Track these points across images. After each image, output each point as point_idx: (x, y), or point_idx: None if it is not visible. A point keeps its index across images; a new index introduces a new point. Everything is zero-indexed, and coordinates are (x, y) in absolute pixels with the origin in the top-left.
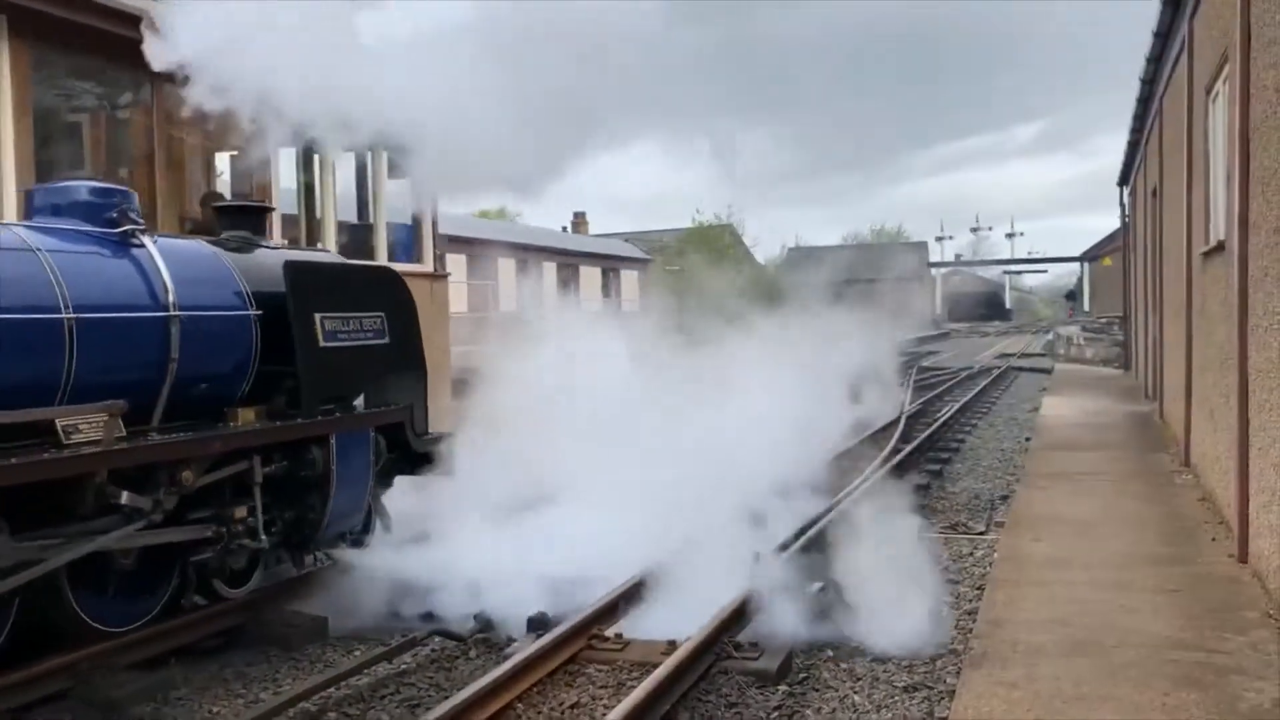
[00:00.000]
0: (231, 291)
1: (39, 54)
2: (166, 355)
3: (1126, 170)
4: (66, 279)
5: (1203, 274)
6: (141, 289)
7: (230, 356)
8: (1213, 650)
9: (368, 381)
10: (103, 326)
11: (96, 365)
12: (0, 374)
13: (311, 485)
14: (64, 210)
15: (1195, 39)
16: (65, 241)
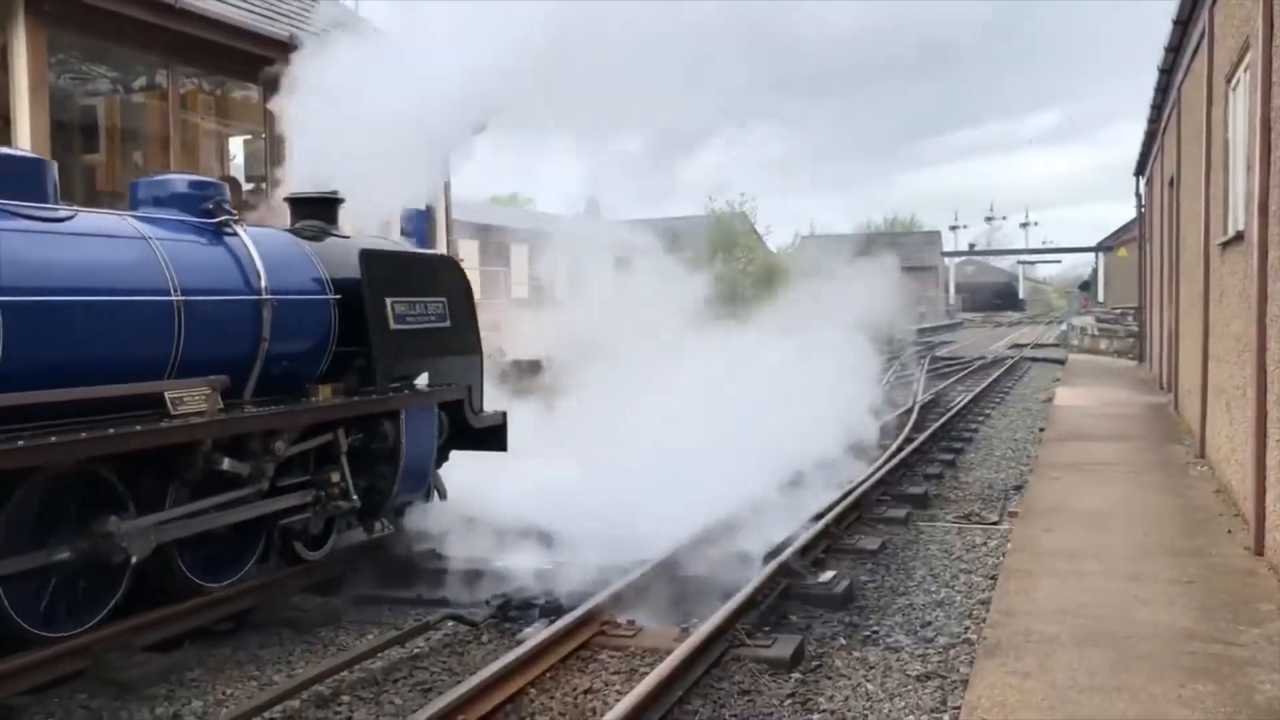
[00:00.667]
0: (311, 277)
1: (55, 35)
2: (259, 335)
3: (1143, 160)
4: (174, 264)
5: (1221, 264)
6: (237, 275)
7: (312, 337)
8: (1228, 642)
9: (431, 362)
10: (205, 308)
11: (200, 343)
12: (119, 350)
13: (383, 456)
14: (165, 201)
15: (1216, 27)
16: (170, 230)
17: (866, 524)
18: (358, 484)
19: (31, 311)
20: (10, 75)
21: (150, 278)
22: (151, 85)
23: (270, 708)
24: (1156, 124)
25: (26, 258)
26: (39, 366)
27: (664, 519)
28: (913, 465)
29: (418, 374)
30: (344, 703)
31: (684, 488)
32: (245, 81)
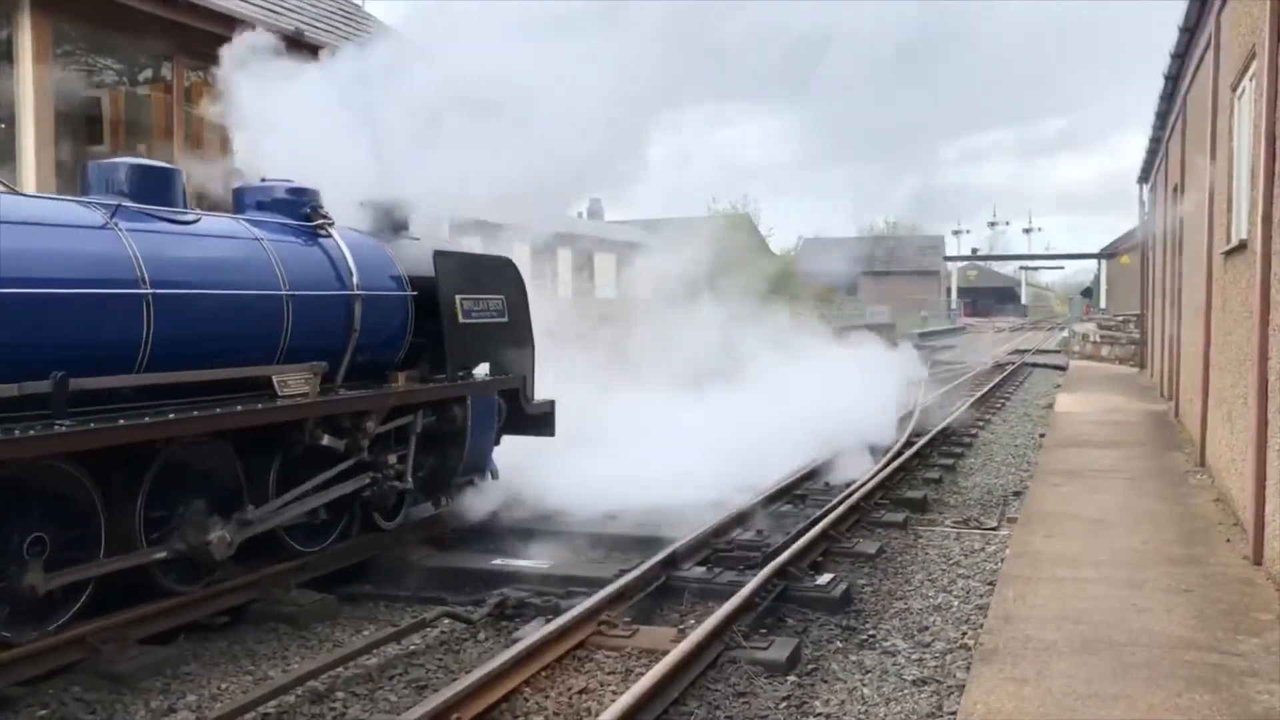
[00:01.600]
0: (390, 275)
1: (60, 27)
2: (350, 326)
3: (1147, 168)
4: (283, 263)
5: (1224, 273)
6: (333, 273)
7: (393, 329)
8: (1226, 652)
9: (491, 353)
10: (308, 302)
11: (303, 333)
12: (238, 337)
13: (451, 438)
14: (268, 206)
15: (1222, 35)
16: (276, 233)
17: (865, 527)
18: (429, 462)
19: (173, 302)
20: (15, 66)
21: (264, 275)
22: (156, 77)
23: (265, 703)
24: (1161, 132)
25: (166, 255)
26: (178, 350)
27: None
28: (912, 469)
29: (479, 364)
30: (338, 699)
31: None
32: None
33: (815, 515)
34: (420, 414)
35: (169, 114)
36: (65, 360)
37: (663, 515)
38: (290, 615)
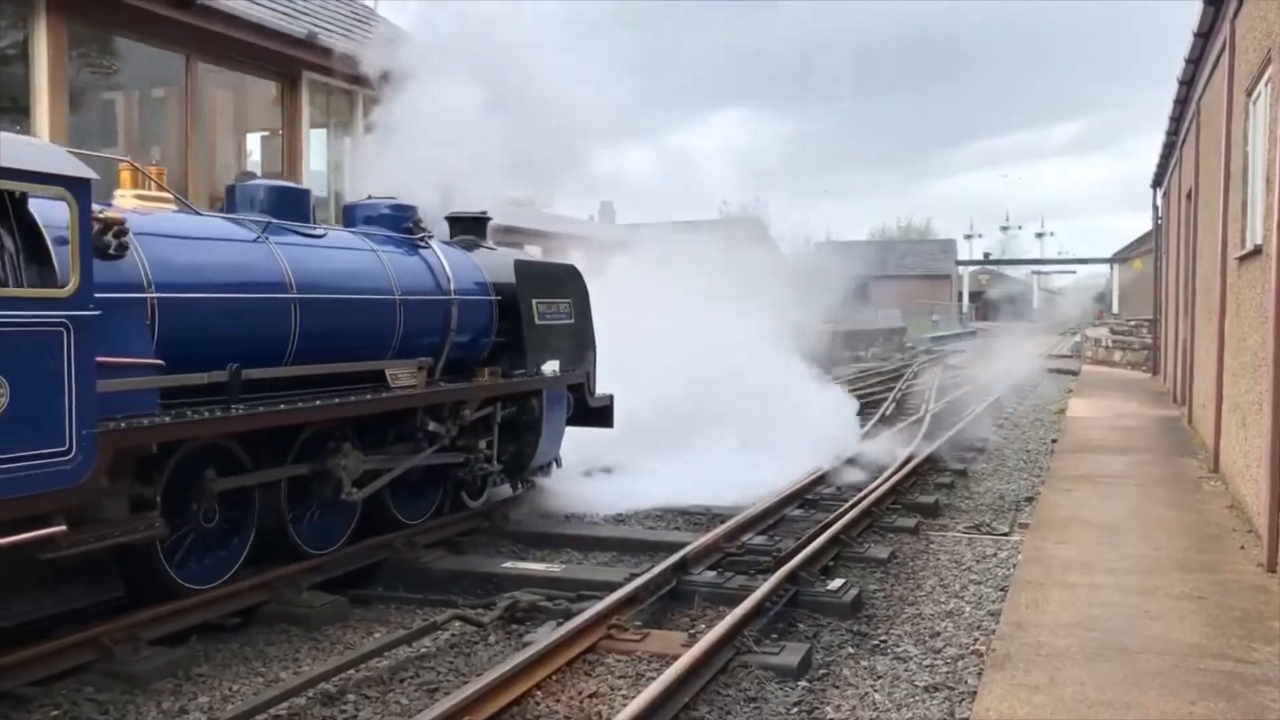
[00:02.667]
0: (476, 281)
1: (76, 30)
2: (448, 326)
3: (1161, 172)
4: (395, 271)
5: (1238, 278)
6: (432, 280)
7: (480, 330)
8: (1240, 660)
9: (560, 352)
10: (416, 305)
11: (411, 332)
12: (361, 335)
13: (528, 428)
14: (374, 220)
15: (1237, 39)
16: (386, 245)
17: (876, 532)
18: (509, 449)
19: (313, 305)
20: (30, 69)
21: (380, 281)
22: (170, 81)
23: (276, 704)
24: (1175, 136)
25: (306, 265)
26: (316, 346)
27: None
28: (924, 474)
29: (549, 361)
30: (350, 701)
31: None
32: (264, 78)
33: (826, 520)
34: (501, 405)
35: (183, 117)
36: (235, 354)
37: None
38: (302, 617)
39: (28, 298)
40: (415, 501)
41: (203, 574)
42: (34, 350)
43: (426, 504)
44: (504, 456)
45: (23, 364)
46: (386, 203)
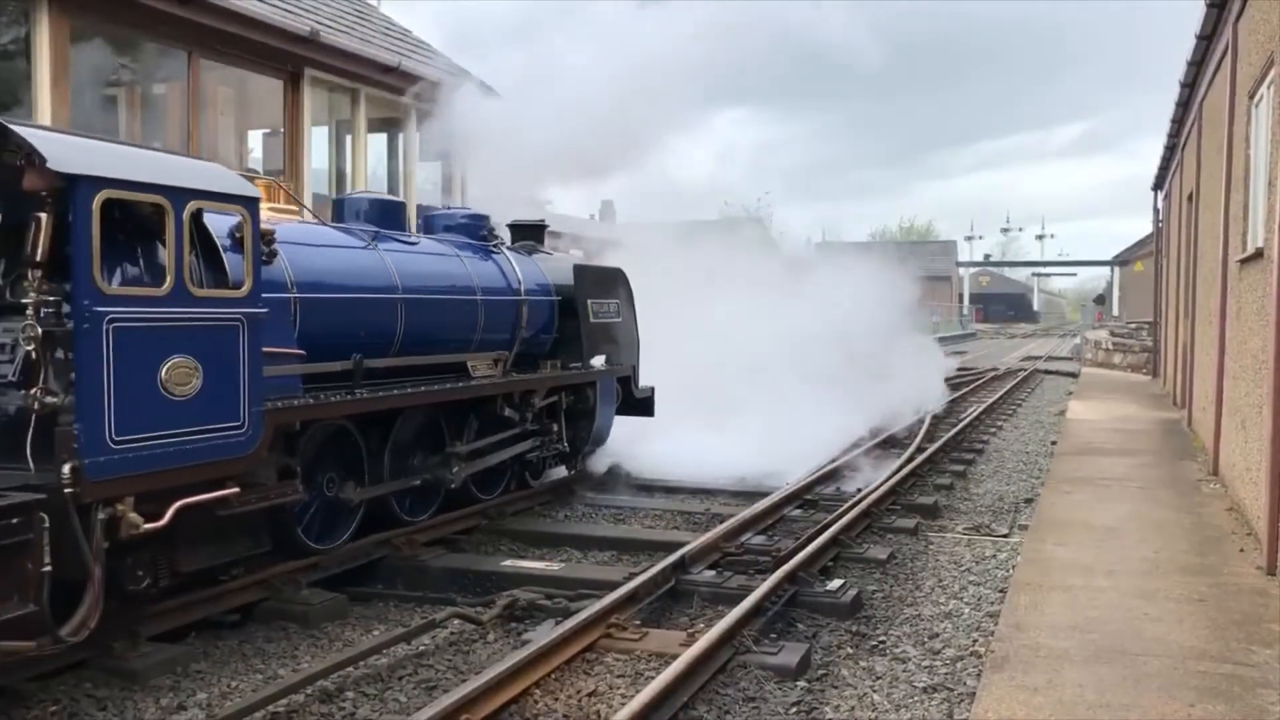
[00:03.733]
0: (538, 283)
1: (78, 25)
2: (518, 324)
3: (1162, 174)
4: (475, 273)
5: (1239, 281)
6: (505, 281)
7: (544, 327)
8: (1239, 663)
9: (609, 347)
10: (493, 304)
11: (489, 329)
12: (449, 331)
13: (584, 415)
14: (453, 228)
15: (1240, 43)
16: (465, 250)
17: (875, 533)
18: (568, 433)
19: (415, 304)
20: (33, 64)
21: (464, 283)
22: (173, 77)
23: (275, 701)
24: (1176, 139)
25: (408, 269)
26: (415, 340)
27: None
28: (923, 475)
29: (600, 355)
30: (348, 698)
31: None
32: (266, 75)
33: (825, 520)
34: (563, 394)
35: (185, 112)
36: (355, 346)
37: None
38: (301, 614)
39: (215, 297)
40: (490, 481)
41: (324, 538)
42: (218, 341)
43: (498, 483)
44: (562, 441)
45: (211, 352)
46: (462, 212)
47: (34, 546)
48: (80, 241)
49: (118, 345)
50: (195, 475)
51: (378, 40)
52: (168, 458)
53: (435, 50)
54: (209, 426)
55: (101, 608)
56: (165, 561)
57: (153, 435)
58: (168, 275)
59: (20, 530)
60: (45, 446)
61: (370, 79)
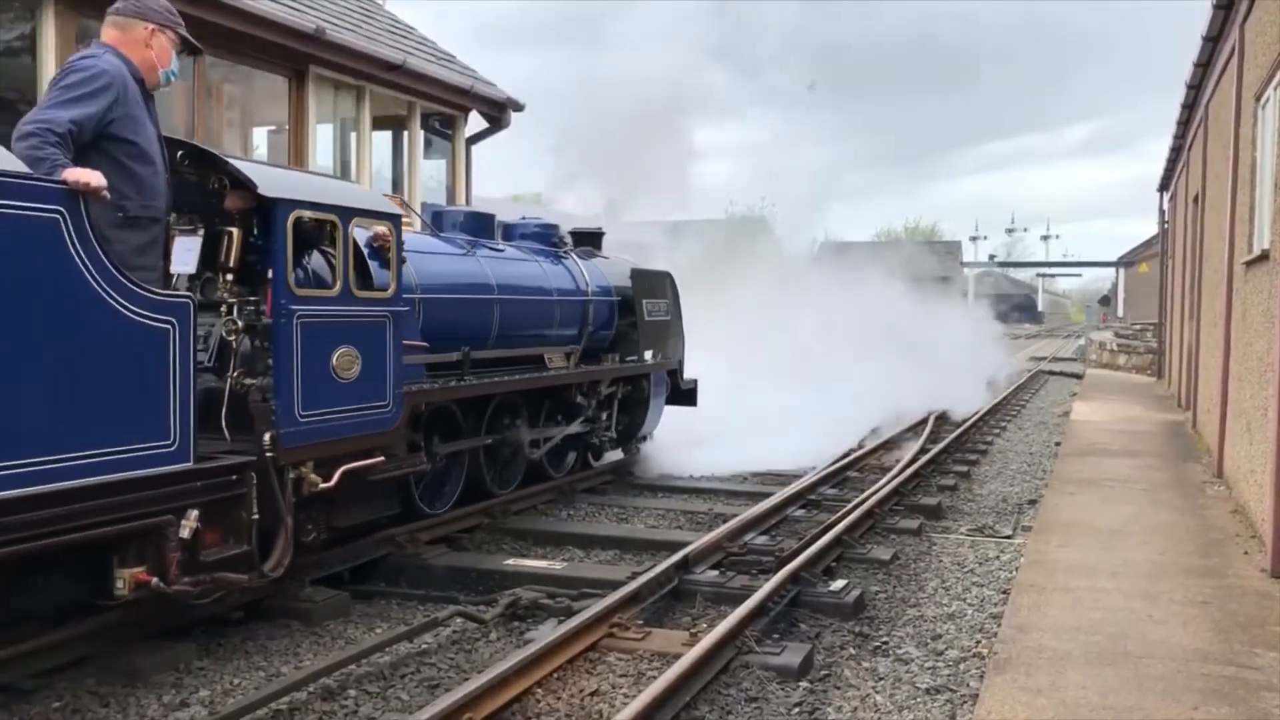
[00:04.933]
0: (600, 285)
1: (84, 23)
2: (585, 321)
3: (1168, 176)
4: (551, 277)
5: (1244, 283)
6: (574, 284)
7: (605, 324)
8: (1243, 665)
9: (660, 343)
10: (566, 304)
11: (562, 325)
12: (529, 327)
13: (639, 404)
14: (529, 236)
15: (1247, 44)
16: (540, 256)
17: (879, 533)
18: (624, 421)
19: (506, 304)
20: (38, 62)
21: (542, 285)
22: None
23: (277, 699)
24: (1183, 140)
25: (500, 272)
26: (505, 335)
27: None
28: (927, 475)
29: (652, 350)
30: (350, 696)
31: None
32: (271, 72)
33: (829, 520)
34: (621, 385)
35: (189, 109)
36: (461, 340)
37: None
38: (303, 612)
39: (370, 298)
40: (560, 461)
41: (434, 504)
42: (372, 334)
43: (566, 463)
44: (619, 426)
45: (367, 343)
46: (535, 221)
47: (246, 499)
48: (278, 251)
49: (304, 337)
50: (354, 445)
51: (383, 38)
52: (337, 430)
53: (440, 48)
54: (364, 405)
55: (291, 551)
56: (325, 519)
57: (327, 411)
58: (337, 279)
59: (237, 486)
60: (237, 420)
61: (375, 77)
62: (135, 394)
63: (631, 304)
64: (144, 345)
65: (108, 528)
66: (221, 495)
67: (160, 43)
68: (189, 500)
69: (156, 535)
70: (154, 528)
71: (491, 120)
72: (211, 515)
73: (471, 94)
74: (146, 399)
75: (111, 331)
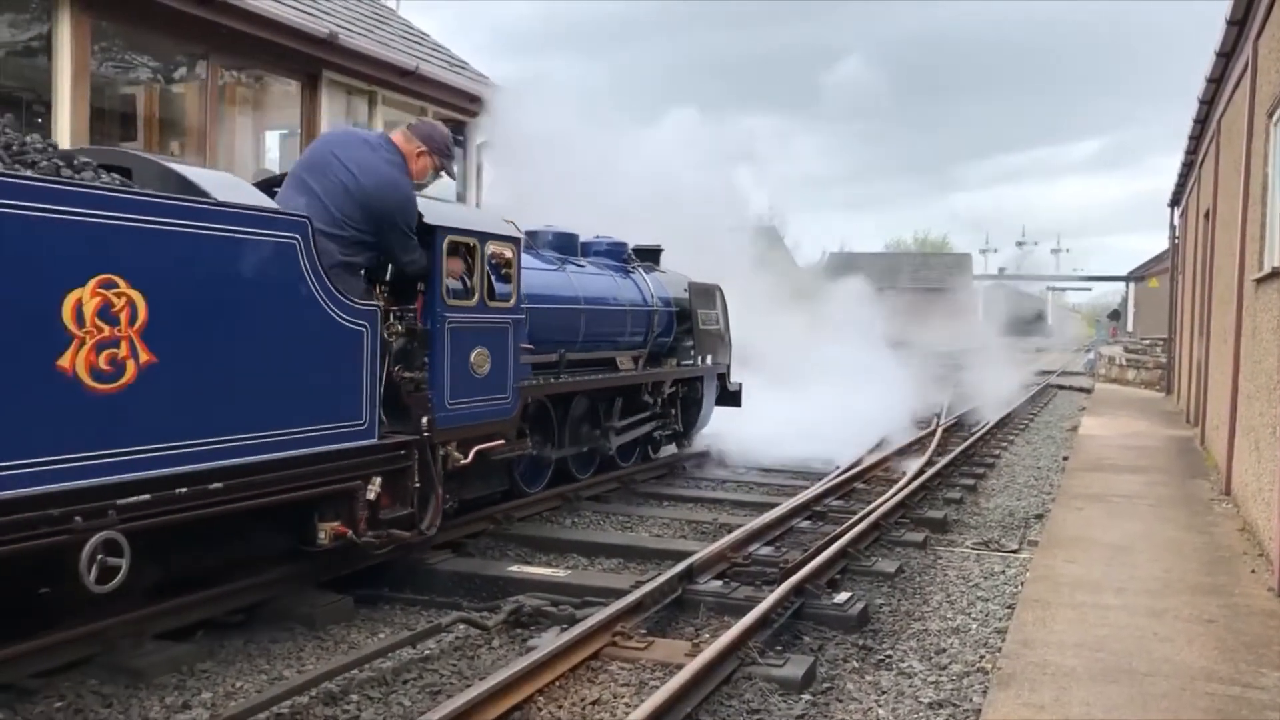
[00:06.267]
0: (661, 297)
1: (99, 24)
2: (650, 329)
3: (1179, 191)
4: (622, 289)
5: (1255, 300)
6: (641, 295)
7: (666, 331)
8: (1249, 685)
9: (713, 348)
10: (633, 313)
11: (632, 332)
12: (604, 334)
13: (694, 402)
14: (602, 254)
15: (1260, 59)
16: (612, 271)
17: (884, 546)
18: (681, 418)
19: (590, 313)
20: (53, 62)
21: (617, 295)
22: (191, 76)
23: (279, 702)
24: (1194, 155)
25: (584, 285)
26: (587, 341)
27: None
28: (933, 488)
29: (706, 355)
30: (352, 701)
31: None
32: (284, 76)
33: (834, 532)
34: (680, 385)
35: (203, 112)
36: (555, 344)
37: None
38: (307, 615)
39: (497, 307)
40: (625, 454)
41: (531, 483)
42: (498, 338)
43: (630, 455)
44: (678, 424)
45: (494, 345)
46: (606, 240)
47: (410, 471)
48: (436, 269)
49: (451, 339)
50: (483, 430)
51: (396, 44)
52: (473, 416)
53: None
54: (492, 397)
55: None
56: (457, 491)
57: (467, 400)
58: (476, 292)
59: (405, 459)
60: (392, 406)
61: (388, 82)
62: (339, 382)
63: (688, 313)
64: (346, 343)
65: (317, 489)
66: (395, 466)
67: (423, 163)
68: (374, 469)
69: (349, 496)
70: (348, 490)
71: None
72: (387, 482)
73: (483, 100)
74: (347, 386)
75: (323, 331)
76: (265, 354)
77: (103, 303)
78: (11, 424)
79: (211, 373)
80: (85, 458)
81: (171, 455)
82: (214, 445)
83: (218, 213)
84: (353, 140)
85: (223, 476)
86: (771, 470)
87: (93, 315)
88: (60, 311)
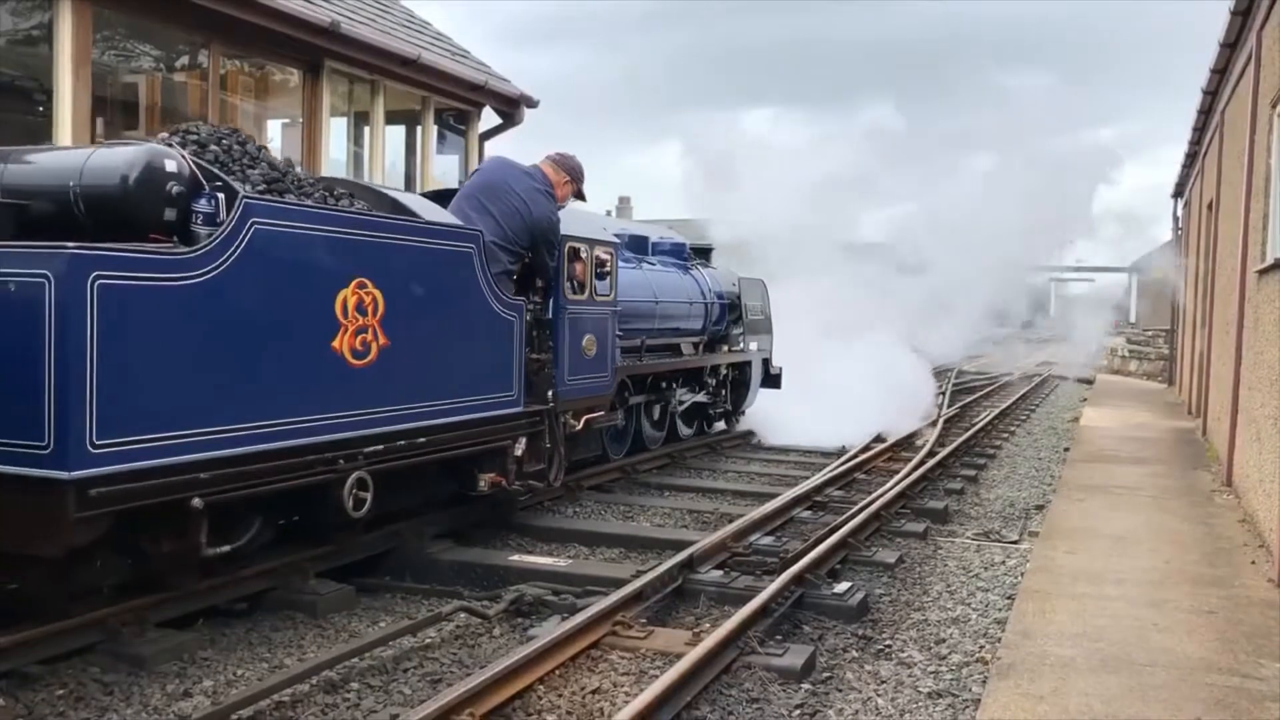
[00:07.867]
0: (717, 291)
1: (100, 12)
2: (708, 319)
3: (1182, 182)
4: (685, 284)
5: (1257, 291)
6: (699, 290)
7: (719, 320)
8: (1248, 676)
9: (758, 336)
10: (694, 305)
11: (691, 322)
12: (668, 324)
13: (741, 384)
14: (665, 253)
15: (1264, 51)
16: (675, 269)
17: (884, 536)
18: (731, 397)
19: (662, 305)
20: (55, 50)
21: (679, 289)
22: (193, 65)
23: (280, 690)
24: (1198, 146)
25: (658, 281)
26: (660, 329)
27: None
28: (934, 479)
29: (752, 341)
30: (353, 689)
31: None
32: (286, 65)
33: (835, 522)
34: (731, 369)
35: (204, 101)
36: (637, 331)
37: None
38: (308, 604)
39: (601, 300)
40: (687, 426)
41: (615, 451)
42: (601, 326)
43: (690, 427)
44: (728, 403)
45: (598, 332)
46: (670, 240)
47: (544, 434)
48: (560, 269)
49: (570, 327)
50: (589, 403)
51: (398, 32)
52: (583, 390)
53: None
54: (596, 375)
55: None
56: (569, 453)
57: (579, 377)
58: (586, 287)
59: (540, 424)
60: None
61: (390, 71)
62: (498, 361)
63: (737, 305)
64: (503, 330)
65: (484, 444)
66: (534, 430)
67: (566, 190)
68: (520, 431)
69: (502, 453)
70: (501, 448)
71: (505, 116)
72: (528, 442)
73: (485, 89)
74: (503, 365)
75: (489, 320)
76: (453, 338)
77: (359, 300)
78: (304, 390)
79: (421, 353)
80: (346, 416)
81: (395, 416)
82: (420, 409)
83: (426, 229)
84: (518, 173)
85: (425, 434)
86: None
87: (353, 309)
88: (334, 306)
